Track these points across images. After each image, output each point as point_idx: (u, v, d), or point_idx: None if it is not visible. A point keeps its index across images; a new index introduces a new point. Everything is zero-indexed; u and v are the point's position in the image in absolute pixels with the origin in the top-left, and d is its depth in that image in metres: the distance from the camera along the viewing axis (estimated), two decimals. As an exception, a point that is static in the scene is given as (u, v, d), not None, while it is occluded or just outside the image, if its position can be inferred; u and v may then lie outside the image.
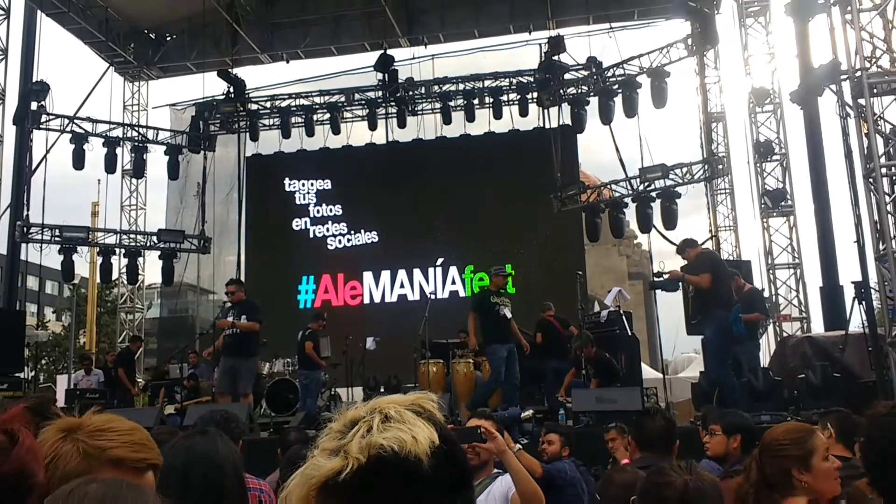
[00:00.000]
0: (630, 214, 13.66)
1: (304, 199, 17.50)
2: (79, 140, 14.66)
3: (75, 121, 14.88)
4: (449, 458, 1.09)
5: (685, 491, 2.19)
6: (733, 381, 8.13)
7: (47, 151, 14.65)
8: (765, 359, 11.56)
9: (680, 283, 8.74)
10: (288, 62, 17.39)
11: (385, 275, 16.84)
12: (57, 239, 14.33)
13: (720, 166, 13.62)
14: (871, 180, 9.42)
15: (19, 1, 15.17)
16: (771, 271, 14.16)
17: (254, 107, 16.96)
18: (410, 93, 16.33)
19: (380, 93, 16.23)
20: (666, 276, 8.79)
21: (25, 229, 14.08)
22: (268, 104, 17.21)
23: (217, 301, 18.97)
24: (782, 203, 13.90)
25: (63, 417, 1.44)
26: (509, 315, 9.50)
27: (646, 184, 13.11)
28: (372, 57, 15.99)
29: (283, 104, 17.04)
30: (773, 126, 14.27)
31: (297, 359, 12.21)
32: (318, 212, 17.39)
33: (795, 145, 14.11)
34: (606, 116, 13.63)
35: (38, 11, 15.36)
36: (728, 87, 15.69)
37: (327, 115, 16.73)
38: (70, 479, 1.19)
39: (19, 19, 15.54)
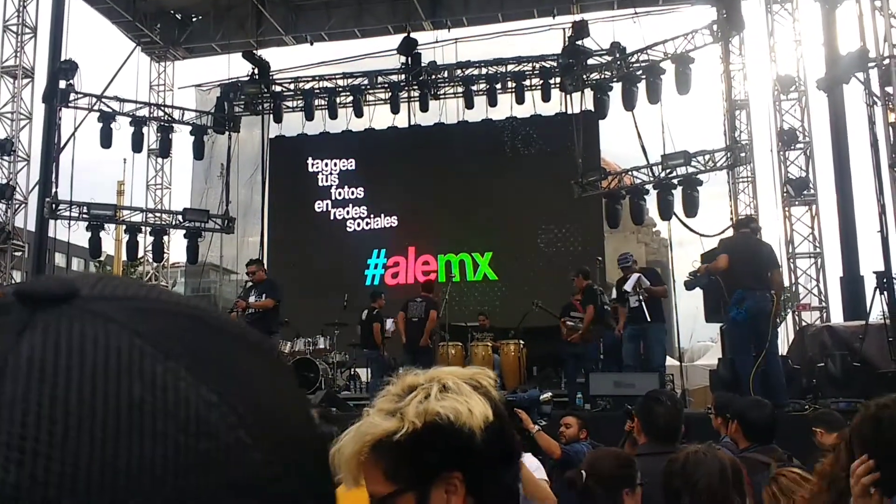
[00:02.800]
0: (651, 201, 13.67)
1: (327, 180, 17.63)
2: (106, 119, 14.84)
3: (103, 100, 15.06)
4: (500, 434, 1.14)
5: (685, 462, 2.33)
6: (749, 367, 8.07)
7: (75, 129, 14.86)
8: (783, 347, 11.58)
9: (710, 278, 8.66)
10: (312, 44, 17.46)
11: (404, 257, 16.95)
12: (84, 216, 14.55)
13: (743, 154, 13.54)
14: None
15: (48, -20, 15.36)
16: (791, 260, 14.11)
17: (278, 88, 17.05)
18: (433, 76, 16.34)
19: (403, 76, 16.26)
20: (697, 274, 8.81)
21: (54, 206, 14.32)
22: (291, 86, 17.30)
23: (239, 281, 19.20)
24: (805, 192, 13.82)
25: None
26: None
27: (667, 171, 13.08)
28: (395, 40, 16.02)
29: (307, 86, 17.11)
30: (798, 114, 14.16)
31: (362, 337, 12.21)
32: (339, 194, 17.51)
33: (820, 134, 14.02)
34: (629, 102, 13.60)
35: (67, -9, 15.53)
36: (753, 74, 15.57)
37: (350, 98, 16.80)
38: None
39: (48, -1, 15.73)
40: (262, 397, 0.35)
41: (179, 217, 15.77)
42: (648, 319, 9.31)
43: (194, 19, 17.51)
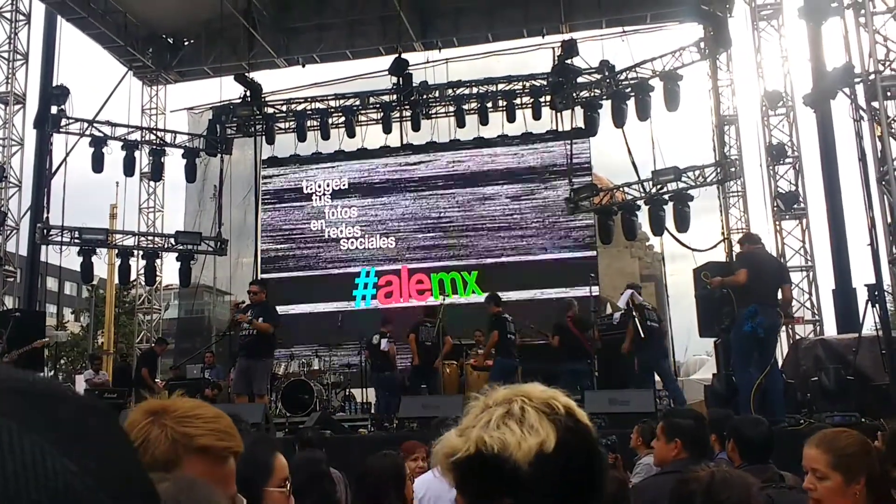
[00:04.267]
0: (642, 217, 13.73)
1: (320, 200, 17.60)
2: (98, 143, 14.86)
3: (94, 124, 15.09)
4: (564, 467, 1.11)
5: (711, 482, 2.23)
6: (749, 383, 8.07)
7: (67, 154, 14.87)
8: (778, 362, 11.59)
9: (723, 292, 8.70)
10: (304, 66, 17.56)
11: (398, 276, 16.96)
12: (76, 241, 14.54)
13: (733, 169, 13.65)
14: (884, 183, 9.46)
15: (40, 7, 15.45)
16: (784, 274, 14.16)
17: (270, 110, 17.12)
18: (424, 96, 16.45)
19: (394, 96, 16.36)
20: (709, 286, 8.86)
21: (45, 231, 14.30)
22: (284, 108, 17.38)
23: (232, 303, 19.19)
24: (795, 206, 13.90)
25: (149, 399, 1.44)
26: None
27: (658, 186, 13.17)
28: (387, 61, 16.13)
29: (299, 107, 17.19)
30: (786, 129, 14.28)
31: (372, 362, 12.40)
32: (332, 214, 17.49)
33: (808, 148, 14.14)
34: (619, 119, 13.71)
35: (58, 17, 15.61)
36: (741, 89, 15.73)
37: (342, 119, 16.88)
38: (157, 464, 1.23)
39: (40, 24, 15.82)
40: (110, 457, 0.39)
41: (172, 240, 15.76)
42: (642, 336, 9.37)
43: (186, 43, 17.59)
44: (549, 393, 1.17)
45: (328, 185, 17.64)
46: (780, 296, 8.41)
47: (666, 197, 13.00)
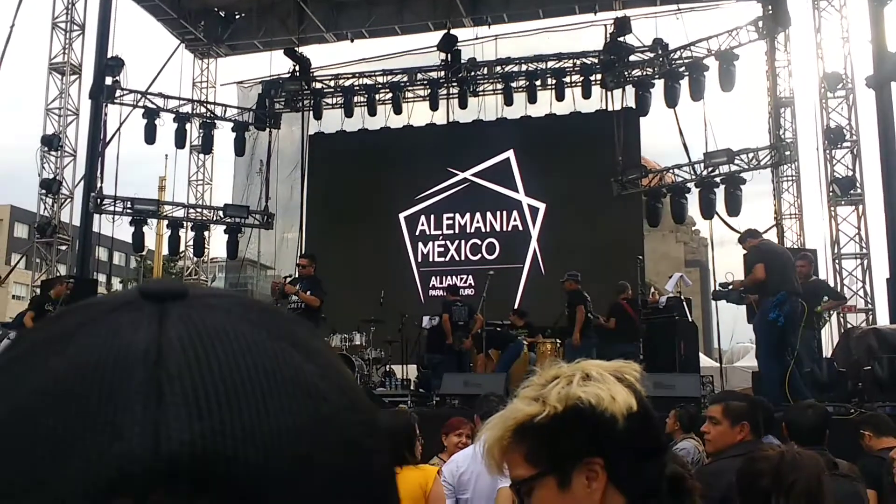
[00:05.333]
0: (691, 200, 13.50)
1: (368, 175, 17.49)
2: (151, 115, 15.09)
3: (147, 96, 15.32)
4: (644, 425, 1.14)
5: (780, 462, 2.20)
6: (776, 372, 7.99)
7: (120, 125, 15.14)
8: (827, 350, 11.37)
9: (743, 295, 8.68)
10: (352, 41, 17.56)
11: (440, 251, 16.97)
12: (129, 211, 14.82)
13: (788, 152, 13.31)
14: (947, 169, 9.14)
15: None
16: (837, 261, 13.83)
17: (318, 86, 17.17)
18: (472, 73, 16.33)
19: (442, 73, 16.27)
20: (730, 287, 8.79)
21: (99, 201, 14.60)
22: (332, 83, 17.41)
23: (275, 277, 19.40)
24: (851, 191, 13.54)
25: None
26: None
27: (710, 169, 12.92)
28: (435, 36, 16.04)
29: (347, 83, 17.20)
30: (845, 112, 13.87)
31: (428, 342, 12.52)
32: (378, 188, 17.38)
33: (867, 132, 13.72)
34: (672, 99, 13.46)
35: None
36: (798, 71, 15.29)
37: (389, 95, 16.86)
38: None
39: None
40: (340, 371, 0.42)
41: (220, 213, 15.97)
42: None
43: (237, 17, 17.71)
44: (615, 364, 1.20)
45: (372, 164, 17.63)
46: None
47: (717, 180, 12.75)
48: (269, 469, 0.35)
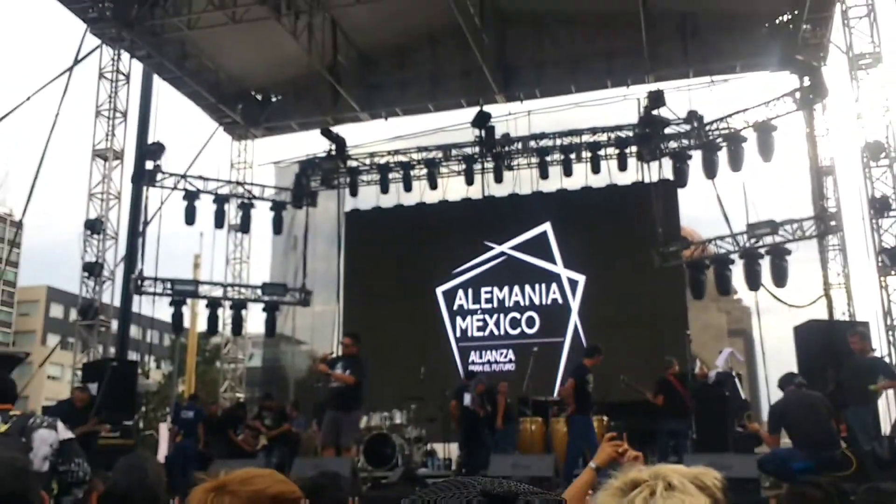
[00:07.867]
0: (736, 271, 13.27)
1: (405, 250, 17.47)
2: (191, 197, 15.34)
3: (187, 178, 15.59)
4: None
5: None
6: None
7: (159, 207, 15.38)
8: (885, 426, 10.90)
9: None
10: (386, 119, 17.82)
11: (478, 325, 16.78)
12: (168, 292, 14.91)
13: (833, 223, 13.09)
14: None
15: (138, 67, 16.15)
16: (890, 332, 13.37)
17: (353, 163, 17.38)
18: (507, 148, 16.44)
19: (477, 148, 16.39)
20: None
21: (140, 282, 14.71)
22: (367, 161, 17.61)
23: (311, 351, 19.30)
24: (901, 261, 13.18)
25: (202, 483, 1.44)
26: None
27: (754, 240, 12.72)
28: (469, 112, 16.22)
29: (382, 161, 17.40)
30: (889, 181, 13.62)
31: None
32: (415, 263, 17.32)
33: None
34: (710, 171, 13.40)
35: (154, 76, 16.31)
36: (838, 138, 15.16)
37: (424, 171, 16.99)
38: None
39: (138, 84, 16.51)
40: None
41: (258, 291, 16.00)
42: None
43: (273, 99, 18.11)
44: (695, 470, 1.18)
45: (411, 237, 17.65)
46: None
47: (762, 251, 12.53)
48: None
